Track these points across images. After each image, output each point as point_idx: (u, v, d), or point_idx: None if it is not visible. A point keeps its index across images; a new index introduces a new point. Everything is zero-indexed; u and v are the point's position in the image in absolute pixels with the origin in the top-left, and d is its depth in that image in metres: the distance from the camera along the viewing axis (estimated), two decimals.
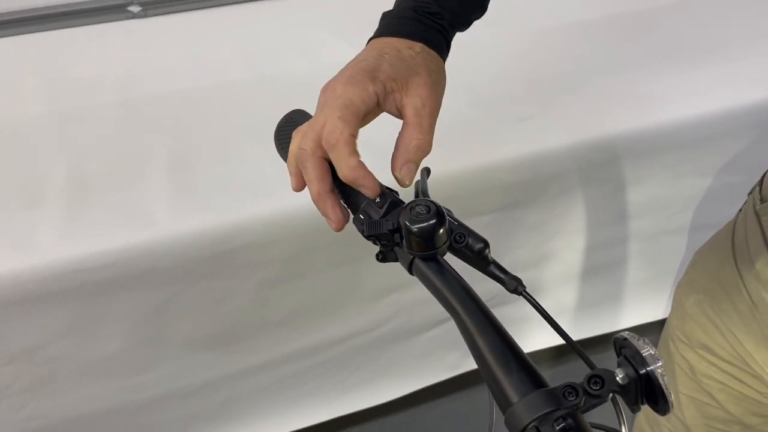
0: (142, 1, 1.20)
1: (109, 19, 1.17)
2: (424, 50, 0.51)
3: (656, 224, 1.11)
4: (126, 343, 0.86)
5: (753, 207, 0.65)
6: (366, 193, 0.46)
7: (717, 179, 1.08)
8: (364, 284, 0.98)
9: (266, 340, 0.96)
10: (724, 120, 1.01)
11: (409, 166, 0.47)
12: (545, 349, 1.15)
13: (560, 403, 0.36)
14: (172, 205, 0.84)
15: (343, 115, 0.46)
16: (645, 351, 0.36)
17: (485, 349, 0.39)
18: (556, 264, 1.10)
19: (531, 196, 0.98)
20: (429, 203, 0.43)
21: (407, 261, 0.45)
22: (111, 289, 0.81)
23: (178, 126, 0.96)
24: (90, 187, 0.86)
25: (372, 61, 0.49)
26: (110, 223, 0.81)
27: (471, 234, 0.44)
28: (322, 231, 0.87)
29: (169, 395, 0.94)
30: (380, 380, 1.09)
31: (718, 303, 0.68)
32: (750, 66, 1.04)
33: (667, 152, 1.02)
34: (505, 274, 0.44)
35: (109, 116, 0.97)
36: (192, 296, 0.86)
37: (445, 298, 0.43)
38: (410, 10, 0.53)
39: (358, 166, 0.46)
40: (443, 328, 1.08)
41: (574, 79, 1.04)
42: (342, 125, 0.46)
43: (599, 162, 0.99)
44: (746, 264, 0.64)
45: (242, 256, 0.86)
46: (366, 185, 0.46)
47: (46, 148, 0.91)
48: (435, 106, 0.49)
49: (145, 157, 0.90)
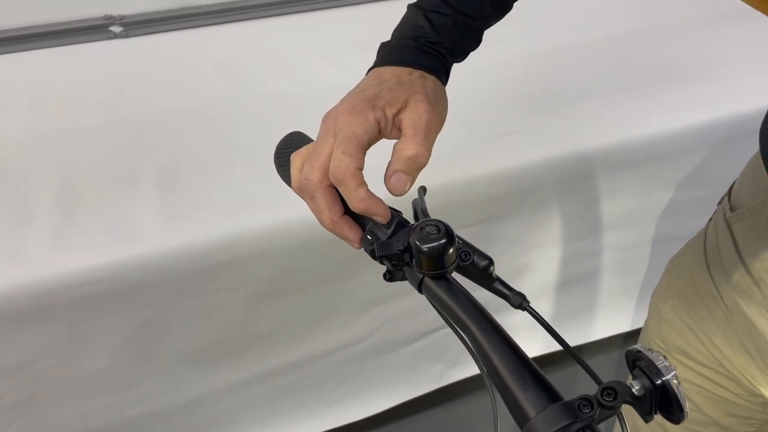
0: (124, 21, 1.21)
1: (90, 39, 1.18)
2: (423, 76, 0.52)
3: (629, 236, 1.15)
4: (114, 358, 0.86)
5: (723, 216, 0.68)
6: (378, 220, 0.48)
7: (685, 192, 1.13)
8: (349, 297, 0.99)
9: (253, 354, 0.97)
10: (688, 136, 1.06)
11: (398, 176, 0.48)
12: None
13: (576, 415, 0.36)
14: (161, 221, 0.84)
15: (347, 149, 0.47)
16: (660, 362, 0.38)
17: (500, 366, 0.40)
18: (534, 276, 1.13)
19: (510, 209, 1.01)
20: (438, 223, 0.44)
21: (417, 280, 0.46)
22: (101, 305, 0.81)
23: (165, 144, 0.97)
24: (79, 203, 0.86)
25: (372, 89, 0.50)
26: (100, 239, 0.82)
27: (476, 252, 0.45)
28: (309, 245, 0.89)
29: (157, 411, 0.94)
30: (365, 393, 1.10)
31: (694, 308, 0.70)
32: (709, 88, 1.11)
33: (639, 166, 1.06)
34: (510, 290, 0.45)
35: (95, 135, 0.98)
36: (180, 311, 0.87)
37: (456, 316, 0.43)
38: (410, 40, 0.54)
39: (366, 197, 0.47)
40: (427, 340, 1.10)
41: (552, 99, 1.08)
42: (348, 160, 0.47)
43: (575, 175, 1.02)
44: (719, 271, 0.67)
45: (230, 271, 0.87)
46: (377, 213, 0.47)
47: (34, 166, 0.91)
48: (433, 121, 0.50)
49: (133, 174, 0.91)
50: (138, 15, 1.22)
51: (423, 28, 0.55)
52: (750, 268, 0.63)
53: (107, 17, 1.21)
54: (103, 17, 1.21)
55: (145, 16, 1.22)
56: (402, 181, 0.48)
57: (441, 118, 0.51)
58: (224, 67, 1.13)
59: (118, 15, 1.21)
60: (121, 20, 1.21)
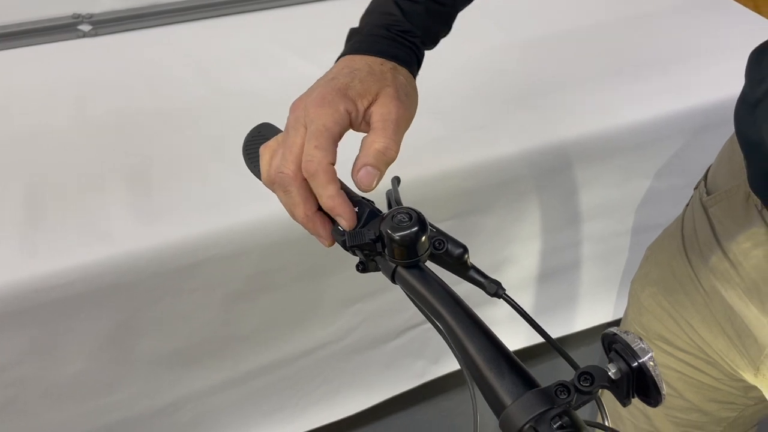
0: (92, 20, 1.18)
1: (58, 39, 1.16)
2: (395, 68, 0.51)
3: (608, 226, 1.15)
4: (89, 363, 0.84)
5: (700, 200, 0.68)
6: (341, 224, 0.46)
7: (662, 181, 1.13)
8: (329, 295, 0.98)
9: (232, 355, 0.95)
10: (664, 125, 1.06)
11: (367, 170, 0.46)
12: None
13: (553, 401, 0.36)
14: (133, 221, 0.83)
15: (319, 143, 0.46)
16: (636, 344, 0.37)
17: (476, 354, 0.39)
18: (514, 269, 1.13)
19: (487, 203, 1.01)
20: (410, 211, 0.44)
21: (390, 270, 0.45)
22: (72, 309, 0.79)
23: (135, 143, 0.95)
24: (49, 205, 0.84)
25: (343, 79, 0.49)
26: (70, 241, 0.80)
27: (450, 240, 0.44)
28: (287, 243, 0.88)
29: (136, 416, 0.92)
30: (347, 392, 1.09)
31: (673, 294, 0.70)
32: (684, 77, 1.11)
33: (616, 156, 1.06)
34: (485, 278, 0.44)
35: (65, 136, 0.96)
36: (156, 313, 0.85)
37: (431, 305, 0.43)
38: (382, 29, 0.53)
39: (336, 195, 0.46)
40: (409, 336, 1.09)
41: (526, 91, 1.08)
42: (320, 154, 0.46)
43: (552, 167, 1.02)
44: (697, 255, 0.68)
45: (206, 271, 0.85)
46: (343, 215, 0.46)
47: (1, 168, 0.89)
48: (402, 116, 0.49)
49: (104, 174, 0.89)
50: (107, 13, 1.20)
51: (394, 15, 0.54)
52: (727, 251, 0.63)
53: (75, 16, 1.18)
54: (71, 16, 1.18)
55: (115, 14, 1.19)
56: (370, 174, 0.47)
57: (410, 114, 0.51)
58: (196, 65, 1.11)
59: (86, 13, 1.19)
60: (90, 19, 1.18)
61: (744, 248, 0.61)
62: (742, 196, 0.62)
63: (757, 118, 0.55)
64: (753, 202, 0.60)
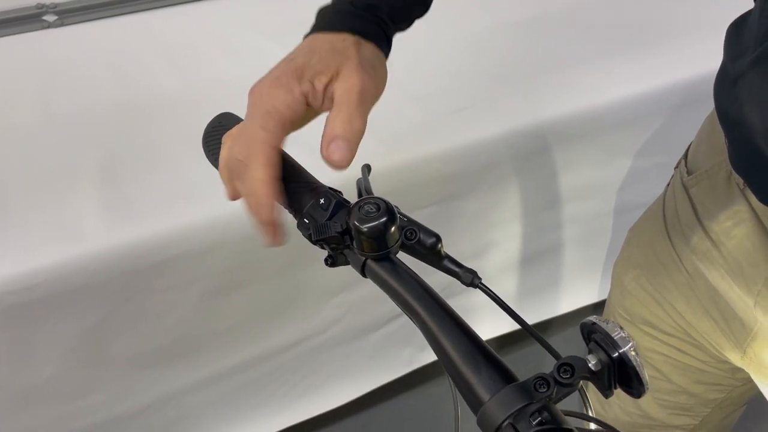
0: (57, 9, 1.15)
1: (23, 30, 1.12)
2: (359, 42, 0.49)
3: (591, 207, 1.14)
4: (62, 366, 0.82)
5: (680, 180, 0.67)
6: (252, 216, 0.43)
7: (644, 160, 1.12)
8: (310, 286, 0.96)
9: (212, 351, 0.93)
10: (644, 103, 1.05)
11: (337, 143, 0.43)
12: (490, 339, 1.16)
13: (533, 396, 0.34)
14: (103, 218, 0.80)
15: (264, 123, 0.44)
16: (616, 334, 0.36)
17: (450, 349, 0.38)
18: (498, 253, 1.11)
19: (468, 187, 0.99)
20: (378, 200, 0.42)
21: (359, 263, 0.43)
22: (41, 311, 0.77)
23: (103, 136, 0.92)
24: (12, 203, 0.81)
25: (301, 59, 0.47)
26: (36, 241, 0.77)
27: (422, 229, 0.43)
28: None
29: (113, 419, 0.90)
30: (333, 383, 1.08)
31: (656, 277, 0.69)
32: (663, 54, 1.10)
33: (597, 136, 1.04)
34: (460, 267, 0.43)
35: (30, 130, 0.92)
36: (130, 312, 0.83)
37: (402, 299, 0.41)
38: (347, 4, 0.51)
39: (264, 180, 0.43)
40: (395, 324, 1.08)
41: (504, 72, 1.06)
42: (263, 135, 0.43)
43: (533, 149, 1.01)
44: (679, 236, 0.66)
45: (180, 266, 0.83)
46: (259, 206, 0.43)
47: None
48: (367, 90, 0.46)
49: (71, 170, 0.86)
50: (73, 2, 1.16)
51: None
52: (709, 231, 0.62)
53: (39, 6, 1.15)
54: (35, 6, 1.15)
55: (81, 3, 1.16)
56: (341, 148, 0.43)
57: (377, 87, 0.48)
58: (165, 53, 1.08)
59: (51, 3, 1.15)
60: (55, 8, 1.15)
61: (725, 227, 0.60)
62: (724, 174, 0.60)
63: (738, 94, 0.53)
64: (735, 180, 0.59)
